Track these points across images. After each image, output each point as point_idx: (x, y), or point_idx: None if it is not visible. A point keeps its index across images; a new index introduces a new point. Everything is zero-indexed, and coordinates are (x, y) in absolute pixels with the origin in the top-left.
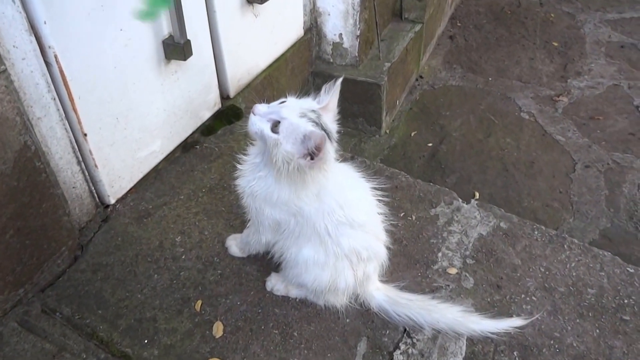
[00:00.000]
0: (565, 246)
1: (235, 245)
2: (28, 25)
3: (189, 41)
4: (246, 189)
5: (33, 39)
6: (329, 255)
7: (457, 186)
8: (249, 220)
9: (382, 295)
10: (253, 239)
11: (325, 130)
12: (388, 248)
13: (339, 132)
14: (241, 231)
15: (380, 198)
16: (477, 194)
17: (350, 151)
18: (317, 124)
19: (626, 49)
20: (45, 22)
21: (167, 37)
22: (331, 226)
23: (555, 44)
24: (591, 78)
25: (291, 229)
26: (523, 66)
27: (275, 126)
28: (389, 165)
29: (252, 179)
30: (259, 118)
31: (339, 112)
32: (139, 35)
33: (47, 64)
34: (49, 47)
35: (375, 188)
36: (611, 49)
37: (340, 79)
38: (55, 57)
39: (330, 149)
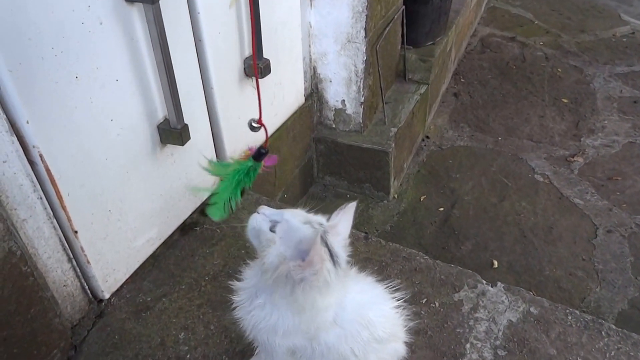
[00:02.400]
0: (602, 332)
1: None
2: (9, 126)
3: (186, 125)
4: (247, 322)
5: (15, 139)
6: None
7: (474, 254)
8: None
9: None
10: None
11: (328, 248)
12: (408, 342)
13: (346, 196)
14: None
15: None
16: (495, 263)
17: (358, 217)
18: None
19: (639, 104)
20: (28, 122)
21: (162, 121)
22: (358, 348)
23: (565, 100)
24: (605, 136)
25: (309, 356)
26: (533, 124)
27: (274, 226)
28: (399, 232)
29: (250, 309)
30: (263, 217)
31: (345, 178)
32: (132, 124)
33: (32, 163)
34: (33, 146)
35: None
36: (624, 105)
37: (354, 205)
38: (41, 156)
39: (325, 262)
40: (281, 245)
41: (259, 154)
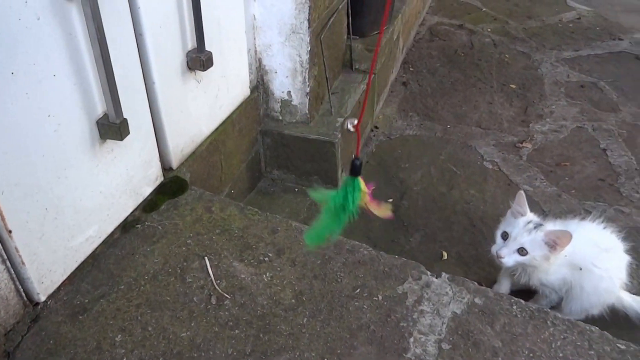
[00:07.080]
0: (548, 322)
1: None
2: None
3: (125, 120)
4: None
5: None
6: None
7: (423, 245)
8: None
9: None
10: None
11: None
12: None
13: (294, 190)
14: (189, 324)
15: None
16: (445, 254)
17: (306, 211)
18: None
19: (586, 88)
20: None
21: (101, 116)
22: None
23: (513, 86)
24: (553, 121)
25: None
26: (482, 111)
27: (522, 251)
28: (347, 226)
29: None
30: (506, 258)
31: (293, 171)
32: (70, 119)
33: None
34: None
35: None
36: (571, 89)
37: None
38: None
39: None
40: (536, 253)
41: (353, 167)
